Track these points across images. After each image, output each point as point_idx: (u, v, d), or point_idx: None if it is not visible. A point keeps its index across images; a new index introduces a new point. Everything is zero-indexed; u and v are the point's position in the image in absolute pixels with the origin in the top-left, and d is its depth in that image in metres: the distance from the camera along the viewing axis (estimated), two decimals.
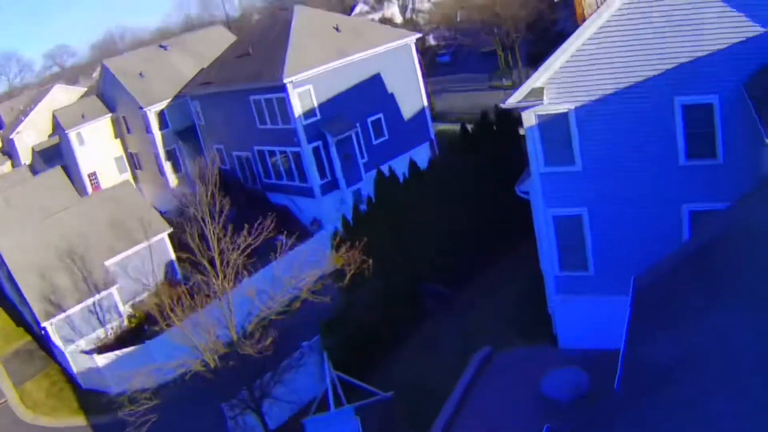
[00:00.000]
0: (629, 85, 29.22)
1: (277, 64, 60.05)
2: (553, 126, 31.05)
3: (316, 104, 60.34)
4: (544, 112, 30.91)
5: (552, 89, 30.51)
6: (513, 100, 31.10)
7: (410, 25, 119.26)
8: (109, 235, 58.36)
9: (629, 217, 31.12)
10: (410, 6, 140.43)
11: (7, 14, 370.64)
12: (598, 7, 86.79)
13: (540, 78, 30.42)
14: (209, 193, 37.30)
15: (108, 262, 56.74)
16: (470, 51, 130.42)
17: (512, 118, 53.69)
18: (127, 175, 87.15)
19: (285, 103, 59.70)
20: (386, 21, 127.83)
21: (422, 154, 67.10)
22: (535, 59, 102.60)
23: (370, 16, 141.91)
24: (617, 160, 30.55)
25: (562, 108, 30.58)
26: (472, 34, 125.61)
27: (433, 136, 70.96)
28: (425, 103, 70.54)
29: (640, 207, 30.70)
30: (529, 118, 31.41)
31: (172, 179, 79.03)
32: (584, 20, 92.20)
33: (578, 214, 32.28)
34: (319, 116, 60.46)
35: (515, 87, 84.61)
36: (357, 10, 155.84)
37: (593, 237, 32.33)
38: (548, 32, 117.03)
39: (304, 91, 59.56)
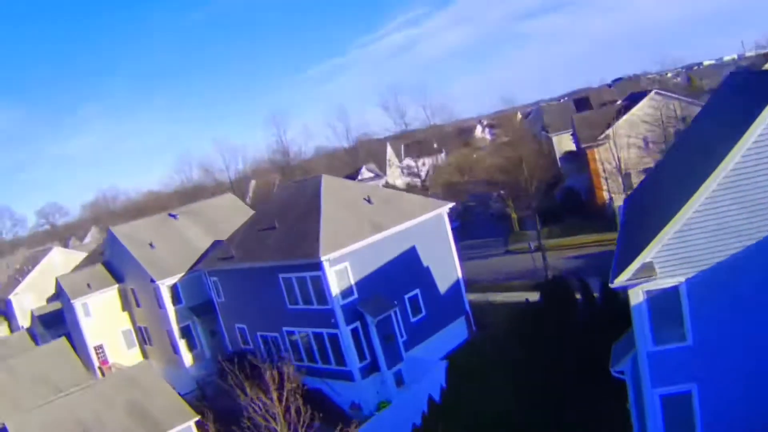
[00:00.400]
0: (741, 249, 26.90)
1: (310, 241, 53.71)
2: (661, 301, 28.21)
3: (353, 282, 53.79)
4: (654, 287, 27.99)
5: (661, 262, 27.68)
6: (622, 278, 27.88)
7: (414, 191, 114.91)
8: (129, 421, 50.16)
9: (740, 386, 28.12)
10: (416, 171, 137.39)
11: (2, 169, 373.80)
12: (617, 163, 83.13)
13: (650, 252, 27.58)
14: (285, 402, 31.18)
15: None
16: (478, 215, 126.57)
17: (569, 287, 52.14)
18: (136, 350, 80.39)
19: (321, 283, 52.94)
20: (389, 187, 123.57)
21: (459, 329, 62.81)
22: (548, 218, 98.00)
23: (374, 183, 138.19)
24: (727, 328, 27.83)
25: (672, 281, 27.79)
26: (478, 197, 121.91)
27: (468, 309, 64.78)
28: (459, 274, 64.51)
29: (752, 372, 27.82)
30: (636, 296, 28.37)
31: (188, 358, 71.46)
32: (598, 176, 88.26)
33: (687, 391, 29.05)
34: (356, 295, 53.74)
35: (539, 249, 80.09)
36: (361, 176, 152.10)
37: (702, 413, 28.97)
38: (555, 189, 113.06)
39: (341, 269, 53.00)
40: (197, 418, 50.76)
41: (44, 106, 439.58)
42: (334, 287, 52.49)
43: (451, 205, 64.81)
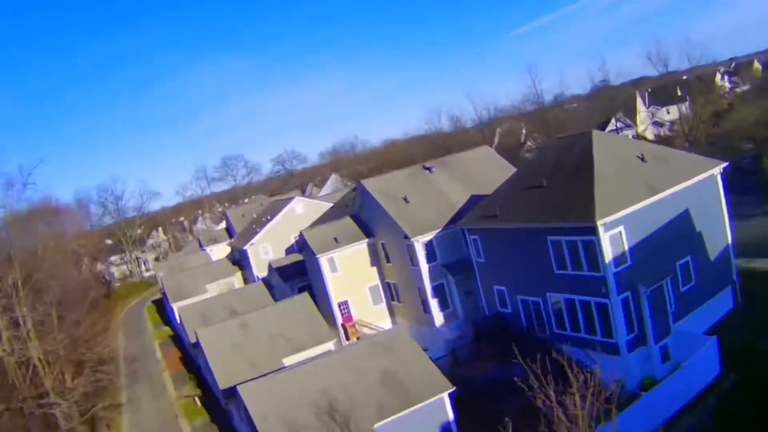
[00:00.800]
0: None
1: (583, 202, 51.54)
2: None
3: (626, 248, 51.29)
4: None
5: None
6: None
7: (666, 143, 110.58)
8: (381, 391, 49.85)
9: None
10: (664, 121, 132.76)
11: (239, 117, 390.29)
12: None
13: None
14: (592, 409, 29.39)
15: (378, 425, 47.85)
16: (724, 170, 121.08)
17: None
18: (383, 307, 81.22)
19: (594, 248, 50.71)
20: (640, 139, 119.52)
21: (724, 300, 59.97)
22: None
23: (623, 133, 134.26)
24: None
25: None
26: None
27: (737, 277, 61.44)
28: (729, 239, 61.13)
29: None
30: None
31: (439, 317, 71.05)
32: None
33: None
34: (629, 262, 51.29)
35: None
36: (611, 126, 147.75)
37: None
38: None
39: (615, 234, 50.62)
40: (452, 389, 49.76)
41: (281, 53, 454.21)
42: (608, 253, 50.32)
43: (724, 164, 60.98)
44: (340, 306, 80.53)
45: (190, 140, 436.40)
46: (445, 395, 49.79)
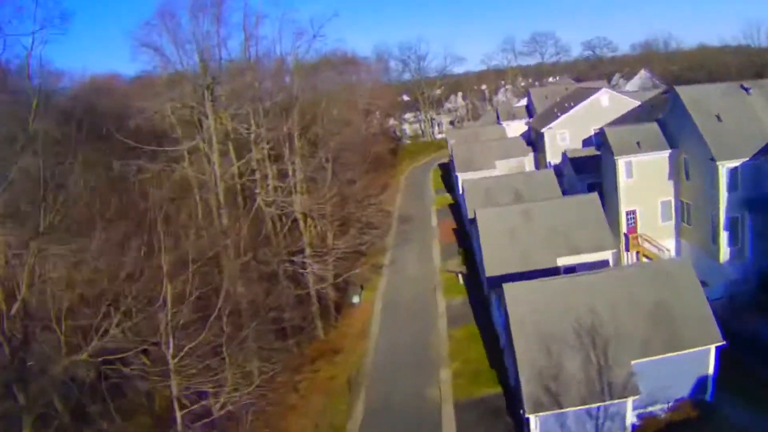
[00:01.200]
0: None
1: None
2: None
3: None
4: None
5: None
6: None
7: None
8: (648, 325, 47.61)
9: None
10: None
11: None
12: None
13: None
14: None
15: (636, 362, 45.99)
16: None
17: None
18: (670, 225, 78.74)
19: None
20: None
21: None
22: None
23: None
24: None
25: None
26: None
27: None
28: None
29: None
30: None
31: (725, 252, 67.98)
32: None
33: None
34: None
35: None
36: None
37: None
38: None
39: None
40: (722, 343, 46.99)
41: None
42: None
43: None
44: (627, 214, 79.12)
45: (501, 10, 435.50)
46: (712, 347, 47.41)
